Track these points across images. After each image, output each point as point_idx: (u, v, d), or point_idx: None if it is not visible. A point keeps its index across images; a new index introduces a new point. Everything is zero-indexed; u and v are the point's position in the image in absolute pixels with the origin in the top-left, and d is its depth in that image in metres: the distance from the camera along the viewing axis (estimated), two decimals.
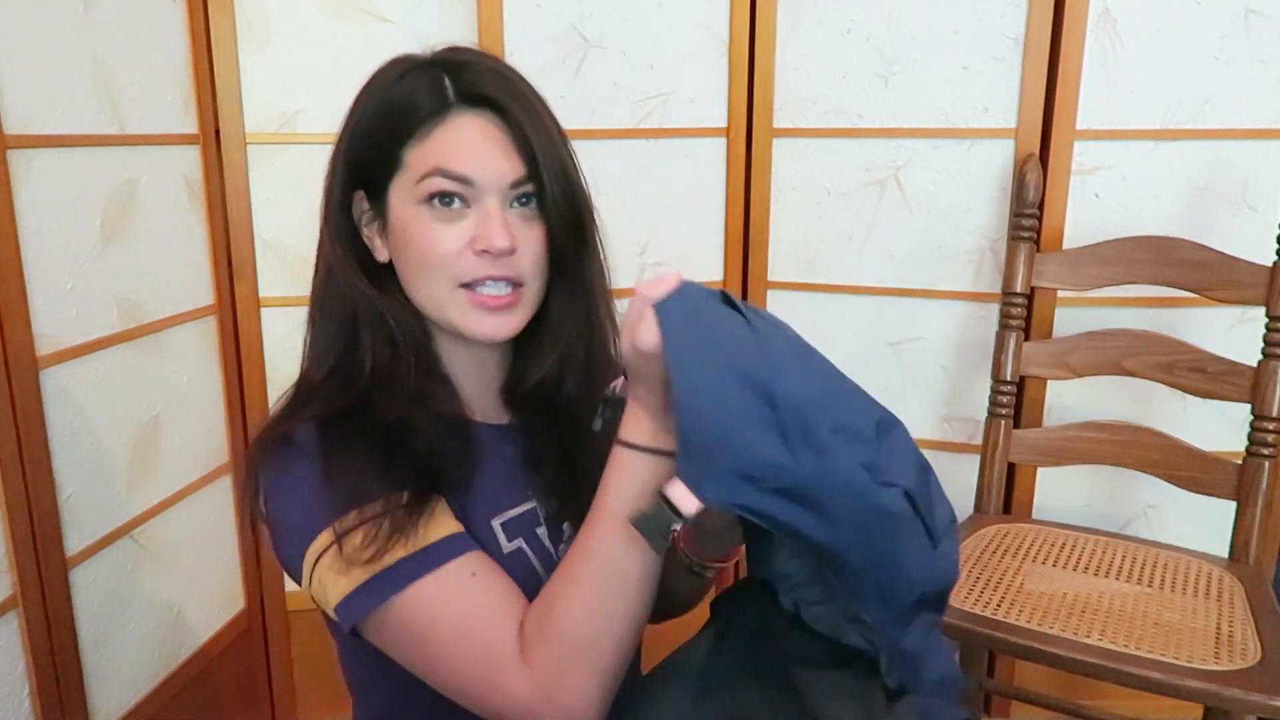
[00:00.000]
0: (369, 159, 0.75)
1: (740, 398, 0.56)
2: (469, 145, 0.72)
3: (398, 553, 0.67)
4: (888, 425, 0.60)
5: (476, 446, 0.77)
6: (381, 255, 0.78)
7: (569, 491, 0.80)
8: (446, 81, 0.73)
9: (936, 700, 0.61)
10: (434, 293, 0.75)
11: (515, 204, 0.75)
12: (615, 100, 1.64)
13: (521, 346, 0.82)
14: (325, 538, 0.69)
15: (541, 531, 0.80)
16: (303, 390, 0.78)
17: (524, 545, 0.78)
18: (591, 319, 0.81)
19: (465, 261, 0.73)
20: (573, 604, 0.65)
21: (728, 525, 0.66)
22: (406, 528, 0.68)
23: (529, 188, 0.74)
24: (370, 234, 0.78)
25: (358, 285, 0.76)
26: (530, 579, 0.76)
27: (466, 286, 0.74)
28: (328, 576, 0.69)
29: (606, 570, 0.65)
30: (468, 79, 0.73)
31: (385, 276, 0.78)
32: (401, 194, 0.74)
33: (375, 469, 0.70)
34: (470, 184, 0.72)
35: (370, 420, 0.72)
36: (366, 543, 0.67)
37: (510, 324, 0.76)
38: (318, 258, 0.80)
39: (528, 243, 0.75)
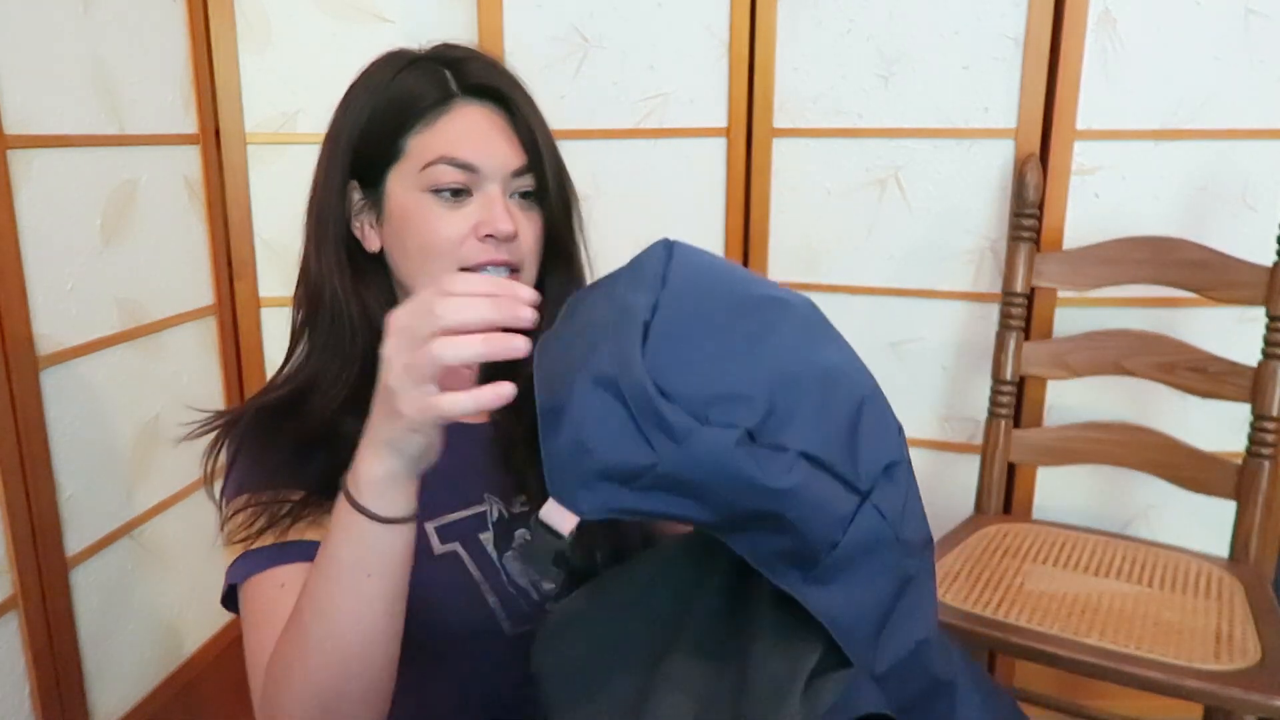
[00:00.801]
0: (368, 148, 0.76)
1: (590, 398, 0.51)
2: (474, 133, 0.74)
3: (265, 540, 0.70)
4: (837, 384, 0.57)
5: None
6: (372, 245, 0.79)
7: (539, 500, 0.79)
8: (448, 74, 0.75)
9: (870, 685, 0.55)
10: (435, 277, 0.75)
11: (514, 196, 0.76)
12: (615, 100, 1.64)
13: None
14: (234, 505, 0.73)
15: (486, 536, 0.79)
16: (270, 382, 0.80)
17: (460, 549, 0.78)
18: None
19: (468, 246, 0.74)
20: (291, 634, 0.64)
21: (549, 552, 0.57)
22: (279, 523, 0.70)
23: (528, 178, 0.76)
24: (361, 224, 0.79)
25: (332, 278, 0.77)
26: (463, 581, 0.76)
27: (468, 269, 0.75)
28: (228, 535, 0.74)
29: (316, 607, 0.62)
30: (470, 70, 0.75)
31: (372, 267, 0.79)
32: (403, 181, 0.75)
33: (286, 464, 0.72)
34: (475, 171, 0.74)
35: (296, 423, 0.74)
36: (243, 525, 0.71)
37: None
38: (303, 252, 0.81)
39: (526, 229, 0.76)
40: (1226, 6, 1.47)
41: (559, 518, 0.52)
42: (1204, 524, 1.54)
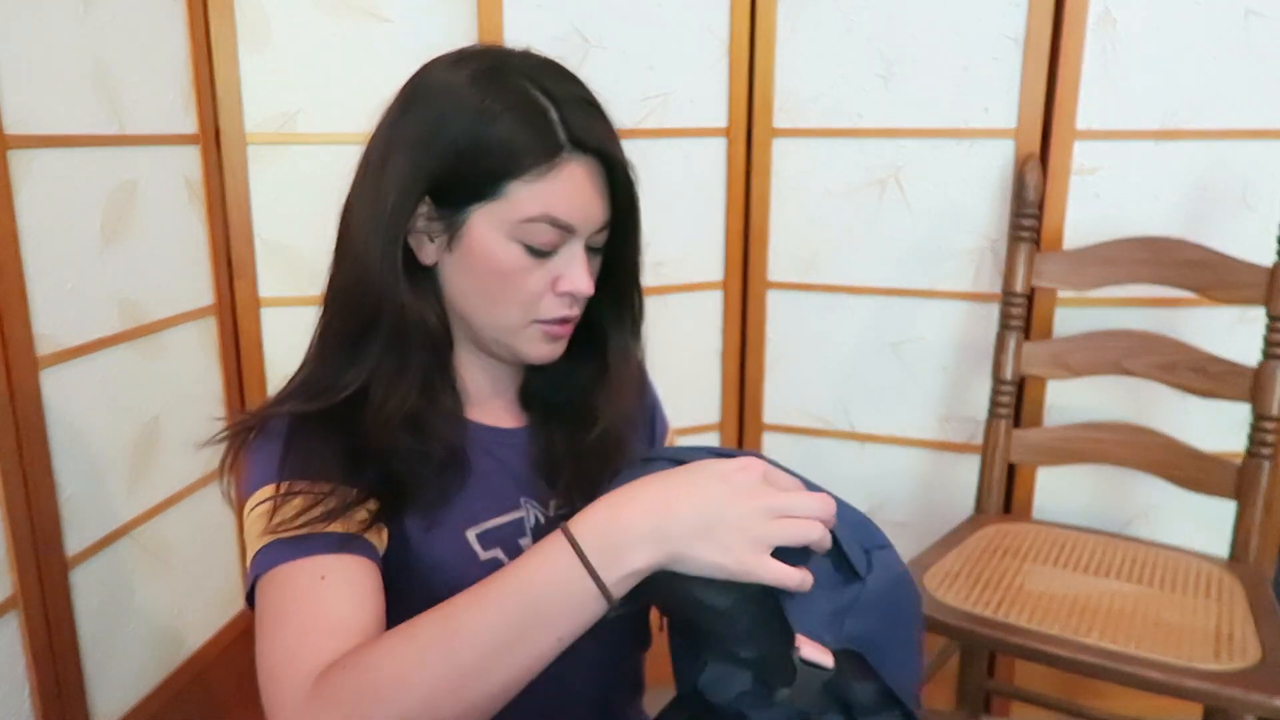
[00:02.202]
0: (461, 179, 0.72)
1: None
2: (579, 195, 0.73)
3: (314, 526, 0.66)
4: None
5: (462, 466, 0.76)
6: (428, 259, 0.76)
7: (576, 504, 0.80)
8: (555, 119, 0.72)
9: None
10: (505, 323, 0.76)
11: (588, 248, 0.76)
12: (615, 100, 1.61)
13: (561, 357, 0.82)
14: (266, 491, 0.69)
15: (525, 541, 0.79)
16: (292, 383, 0.78)
17: (501, 555, 0.77)
18: (634, 344, 0.85)
19: (546, 301, 0.75)
20: (398, 667, 0.57)
21: (818, 684, 0.62)
22: (337, 514, 0.67)
23: (606, 233, 0.77)
24: (422, 237, 0.75)
25: (396, 291, 0.73)
26: None
27: (539, 321, 0.76)
28: (251, 530, 0.69)
29: (467, 649, 0.57)
30: (579, 123, 0.73)
31: (423, 278, 0.76)
32: (492, 221, 0.72)
33: (339, 463, 0.70)
34: (572, 231, 0.73)
35: (347, 434, 0.72)
36: (298, 512, 0.66)
37: (562, 348, 0.79)
38: (340, 249, 0.77)
39: (593, 284, 0.77)
40: (1226, 6, 1.47)
41: (819, 655, 0.58)
42: (1204, 524, 1.54)
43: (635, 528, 0.59)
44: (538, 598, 0.58)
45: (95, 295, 1.32)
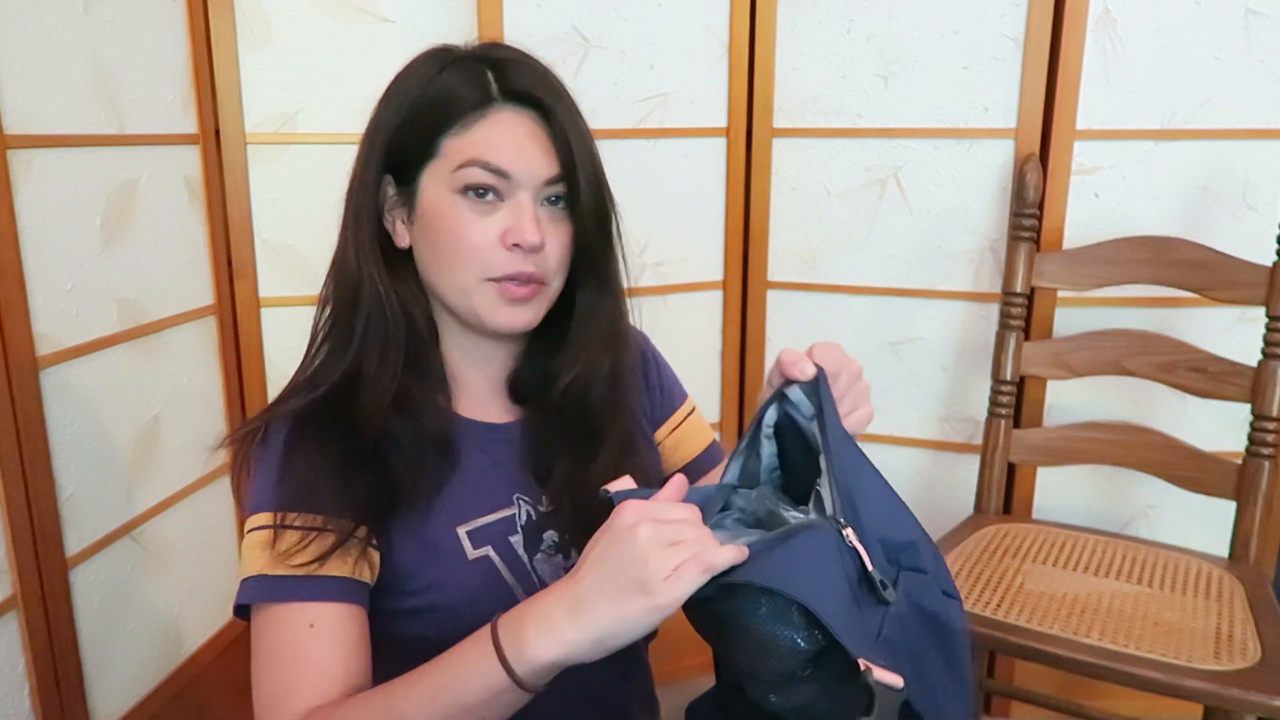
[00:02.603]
0: (405, 145, 0.76)
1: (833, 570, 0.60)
2: (509, 140, 0.74)
3: (308, 568, 0.70)
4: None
5: (454, 455, 0.78)
6: (402, 241, 0.79)
7: (564, 500, 0.80)
8: (490, 76, 0.75)
9: None
10: (460, 282, 0.76)
11: (545, 203, 0.76)
12: (615, 100, 1.64)
13: (546, 345, 0.83)
14: (263, 518, 0.72)
15: (515, 539, 0.79)
16: (295, 380, 0.79)
17: (492, 553, 0.78)
18: (618, 321, 0.83)
19: (495, 255, 0.75)
20: None
21: (897, 703, 0.62)
22: (331, 554, 0.70)
23: (560, 187, 0.76)
24: (394, 219, 0.79)
25: (369, 269, 0.76)
26: (495, 586, 0.77)
27: (493, 279, 0.75)
28: (248, 552, 0.72)
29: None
30: (512, 75, 0.75)
31: (402, 263, 0.79)
32: (435, 181, 0.75)
33: (332, 486, 0.72)
34: (506, 177, 0.74)
35: (343, 430, 0.73)
36: (294, 547, 0.70)
37: (527, 315, 0.77)
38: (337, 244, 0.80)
39: (554, 240, 0.76)
40: (1226, 6, 1.47)
41: (888, 677, 0.57)
42: (1204, 524, 1.54)
43: (546, 615, 0.60)
44: (463, 689, 0.61)
45: (95, 295, 1.32)
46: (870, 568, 0.61)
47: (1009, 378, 1.51)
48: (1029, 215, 1.49)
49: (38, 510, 1.21)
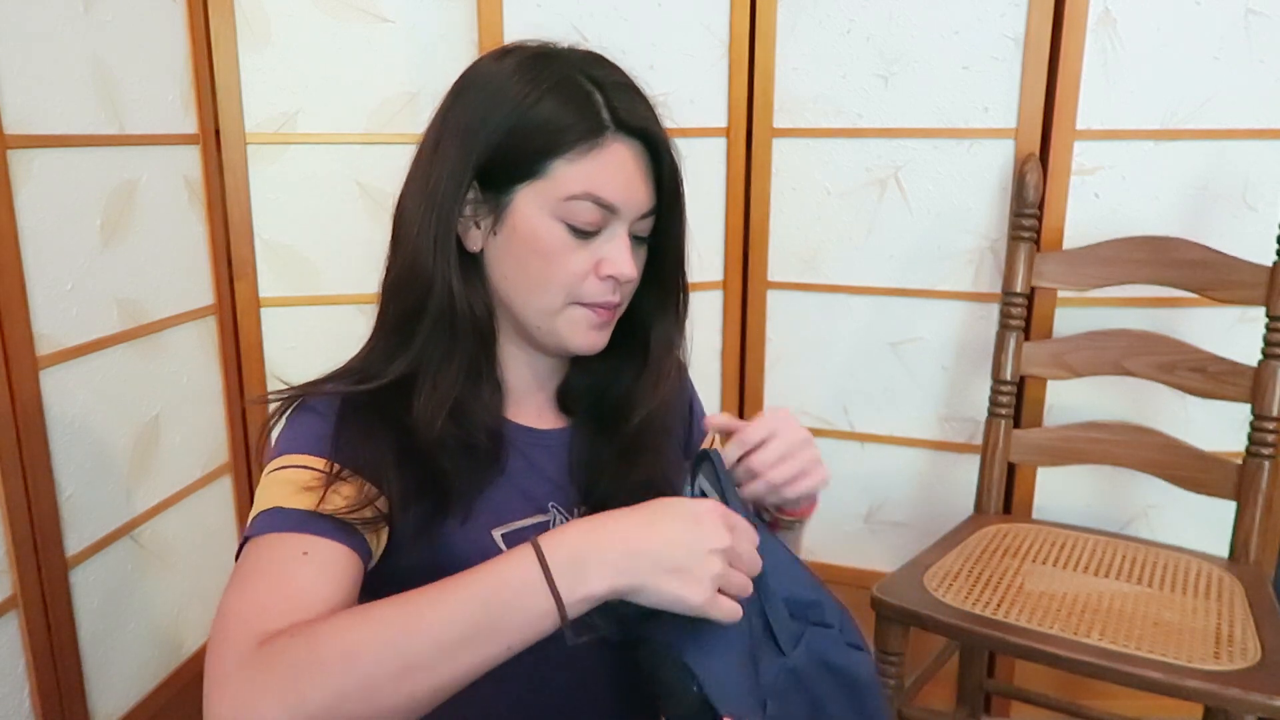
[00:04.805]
0: (506, 159, 0.73)
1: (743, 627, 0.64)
2: (622, 175, 0.73)
3: (302, 502, 0.66)
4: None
5: (500, 459, 0.77)
6: (474, 245, 0.77)
7: (599, 506, 0.80)
8: (600, 101, 0.73)
9: None
10: (546, 304, 0.75)
11: (635, 237, 0.76)
12: None
13: (597, 357, 0.82)
14: (298, 459, 0.69)
15: None
16: (344, 366, 0.78)
17: None
18: (678, 336, 0.84)
19: (589, 284, 0.75)
20: (351, 636, 0.56)
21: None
22: (359, 506, 0.67)
23: (650, 220, 0.77)
24: (468, 223, 0.76)
25: (444, 272, 0.74)
26: None
27: (581, 304, 0.76)
28: (269, 488, 0.68)
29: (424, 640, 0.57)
30: (624, 104, 0.74)
31: (471, 265, 0.77)
32: (536, 200, 0.73)
33: (387, 461, 0.70)
34: (614, 212, 0.74)
35: (393, 428, 0.72)
36: (326, 491, 0.66)
37: (605, 338, 0.79)
38: (394, 240, 0.77)
39: (638, 271, 0.77)
40: (1226, 6, 1.47)
41: None
42: (1204, 524, 1.54)
43: (605, 552, 0.59)
44: (497, 603, 0.58)
45: (95, 295, 1.32)
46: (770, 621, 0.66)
47: (1009, 378, 1.51)
48: (1029, 215, 1.49)
49: (37, 510, 1.21)
